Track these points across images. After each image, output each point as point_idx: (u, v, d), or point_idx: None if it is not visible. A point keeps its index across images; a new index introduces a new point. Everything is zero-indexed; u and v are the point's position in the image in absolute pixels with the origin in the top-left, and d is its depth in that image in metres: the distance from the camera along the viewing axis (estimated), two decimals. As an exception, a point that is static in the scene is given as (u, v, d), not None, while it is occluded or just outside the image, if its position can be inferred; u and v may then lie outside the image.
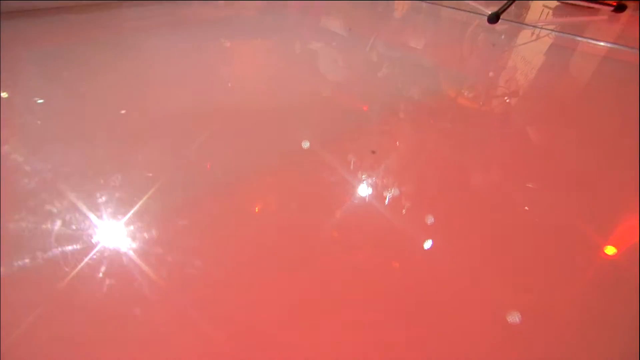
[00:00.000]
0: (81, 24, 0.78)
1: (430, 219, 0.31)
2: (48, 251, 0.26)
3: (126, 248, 0.27)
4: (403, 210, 0.33)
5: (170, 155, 0.38)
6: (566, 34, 0.90)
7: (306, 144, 0.42)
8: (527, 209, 0.33)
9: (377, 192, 0.35)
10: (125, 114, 0.46)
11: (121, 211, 0.30)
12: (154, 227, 0.29)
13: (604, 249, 0.30)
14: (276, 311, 0.23)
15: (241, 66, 0.64)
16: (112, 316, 0.21)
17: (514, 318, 0.23)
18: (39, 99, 0.48)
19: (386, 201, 0.34)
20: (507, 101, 0.55)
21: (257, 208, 0.33)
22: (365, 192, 0.35)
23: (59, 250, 0.25)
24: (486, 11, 0.98)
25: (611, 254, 0.29)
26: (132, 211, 0.30)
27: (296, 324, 0.22)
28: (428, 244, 0.29)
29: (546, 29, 0.92)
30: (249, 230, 0.30)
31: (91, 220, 0.29)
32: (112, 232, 0.28)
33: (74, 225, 0.28)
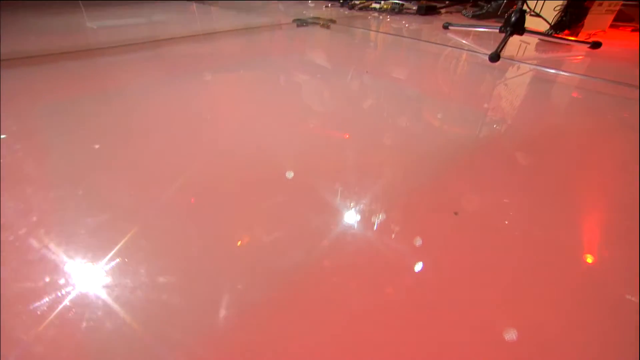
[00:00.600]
0: (79, 71, 0.90)
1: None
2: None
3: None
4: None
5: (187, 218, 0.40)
6: (550, 68, 1.07)
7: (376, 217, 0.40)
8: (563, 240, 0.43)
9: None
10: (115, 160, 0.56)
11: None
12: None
13: (584, 257, 0.36)
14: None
15: (270, 119, 0.76)
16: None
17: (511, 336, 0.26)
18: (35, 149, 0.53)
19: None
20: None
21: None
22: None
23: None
24: (479, 49, 1.15)
25: (590, 261, 0.34)
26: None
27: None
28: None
29: (539, 66, 1.09)
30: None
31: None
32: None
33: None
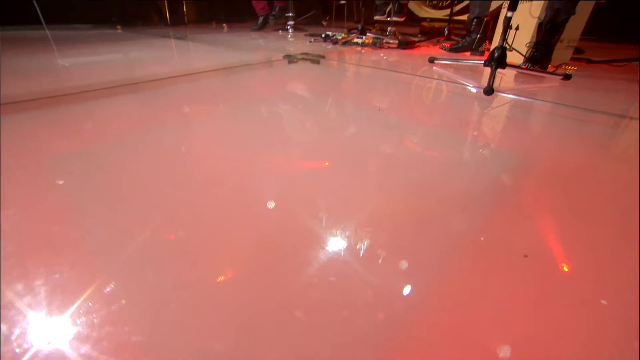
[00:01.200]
0: (79, 115, 0.86)
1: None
2: None
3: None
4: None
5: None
6: (530, 98, 1.15)
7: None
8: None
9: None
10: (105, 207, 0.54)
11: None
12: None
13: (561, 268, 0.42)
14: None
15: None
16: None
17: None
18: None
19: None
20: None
21: None
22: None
23: None
24: (469, 81, 1.22)
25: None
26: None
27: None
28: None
29: (534, 99, 1.16)
30: None
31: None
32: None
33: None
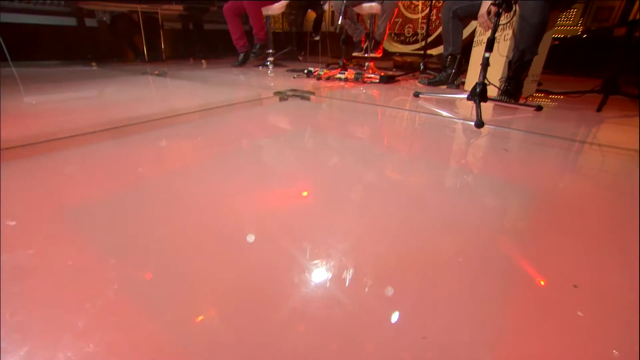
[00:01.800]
0: (77, 160, 0.84)
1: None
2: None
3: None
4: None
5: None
6: (540, 133, 1.24)
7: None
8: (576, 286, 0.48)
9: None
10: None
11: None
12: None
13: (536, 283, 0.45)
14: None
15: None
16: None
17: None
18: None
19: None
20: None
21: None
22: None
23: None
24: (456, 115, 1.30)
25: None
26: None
27: None
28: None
29: (526, 131, 1.26)
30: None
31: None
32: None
33: None
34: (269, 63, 2.98)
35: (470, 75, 1.97)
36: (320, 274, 0.46)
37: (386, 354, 0.34)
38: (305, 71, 2.40)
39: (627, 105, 1.73)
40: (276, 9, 2.79)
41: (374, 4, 2.43)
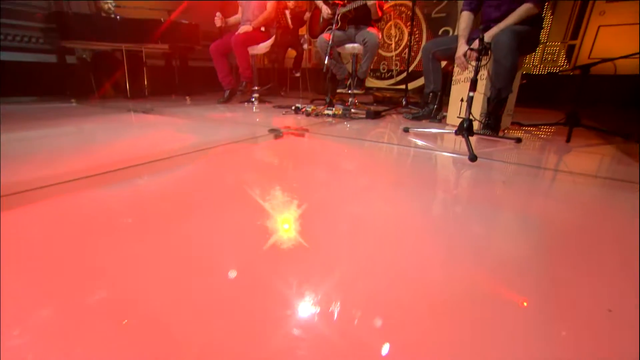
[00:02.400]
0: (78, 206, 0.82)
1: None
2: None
3: None
4: None
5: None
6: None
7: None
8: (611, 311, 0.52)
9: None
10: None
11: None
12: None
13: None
14: None
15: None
16: None
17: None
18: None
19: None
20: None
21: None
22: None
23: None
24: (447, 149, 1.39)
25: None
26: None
27: None
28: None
29: (519, 163, 1.35)
30: None
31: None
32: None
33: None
34: (254, 99, 3.04)
35: (451, 110, 2.11)
36: (317, 311, 0.46)
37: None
38: (293, 107, 2.47)
39: (589, 134, 1.91)
40: (262, 48, 2.90)
41: (356, 45, 2.58)
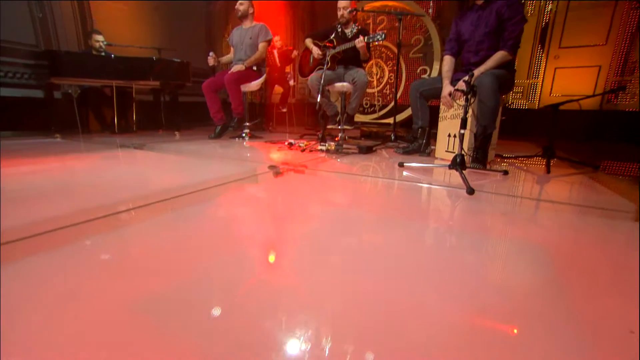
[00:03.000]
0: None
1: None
2: None
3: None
4: None
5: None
6: (526, 197, 1.42)
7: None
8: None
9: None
10: None
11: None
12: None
13: None
14: None
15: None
16: None
17: None
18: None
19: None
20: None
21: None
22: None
23: None
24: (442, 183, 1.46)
25: None
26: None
27: None
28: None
29: (515, 195, 1.43)
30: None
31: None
32: None
33: None
34: (244, 135, 3.08)
35: (439, 145, 2.23)
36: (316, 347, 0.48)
37: None
38: (287, 143, 2.52)
39: (563, 164, 2.08)
40: (253, 86, 2.99)
41: (345, 83, 2.72)
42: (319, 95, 2.42)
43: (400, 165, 1.85)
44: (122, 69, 2.86)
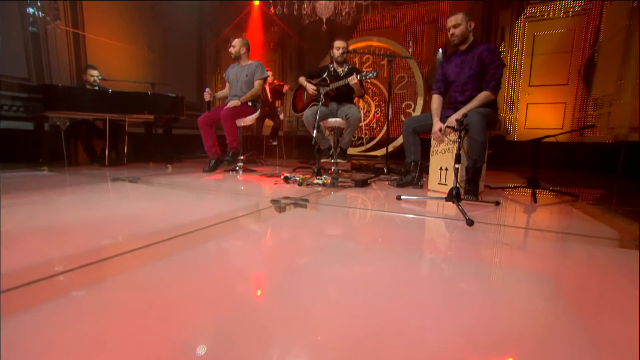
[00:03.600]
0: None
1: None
2: None
3: None
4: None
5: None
6: (518, 226, 1.50)
7: None
8: None
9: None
10: None
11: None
12: None
13: None
14: None
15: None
16: None
17: None
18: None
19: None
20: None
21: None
22: None
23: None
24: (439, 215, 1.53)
25: None
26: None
27: None
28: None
29: (512, 226, 1.51)
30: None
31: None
32: None
33: None
34: (238, 168, 3.11)
35: (431, 178, 2.33)
36: None
37: None
38: (283, 177, 2.57)
39: (545, 194, 2.22)
40: (248, 121, 3.07)
41: (338, 119, 2.84)
42: (315, 131, 2.51)
43: (399, 199, 1.92)
44: (119, 103, 2.88)
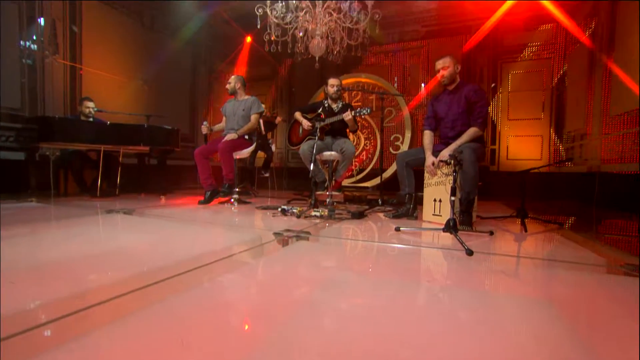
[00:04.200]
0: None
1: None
2: None
3: None
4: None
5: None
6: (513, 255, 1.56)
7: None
8: None
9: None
10: None
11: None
12: None
13: None
14: None
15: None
16: None
17: None
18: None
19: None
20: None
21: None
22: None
23: None
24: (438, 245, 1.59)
25: None
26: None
27: None
28: None
29: (510, 255, 1.57)
30: None
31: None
32: None
33: None
34: (233, 200, 3.11)
35: (426, 209, 2.41)
36: None
37: None
38: (280, 209, 2.59)
39: (533, 222, 2.32)
40: (244, 153, 3.12)
41: (333, 152, 2.94)
42: (312, 164, 2.57)
43: (397, 230, 1.97)
44: (116, 134, 2.89)
